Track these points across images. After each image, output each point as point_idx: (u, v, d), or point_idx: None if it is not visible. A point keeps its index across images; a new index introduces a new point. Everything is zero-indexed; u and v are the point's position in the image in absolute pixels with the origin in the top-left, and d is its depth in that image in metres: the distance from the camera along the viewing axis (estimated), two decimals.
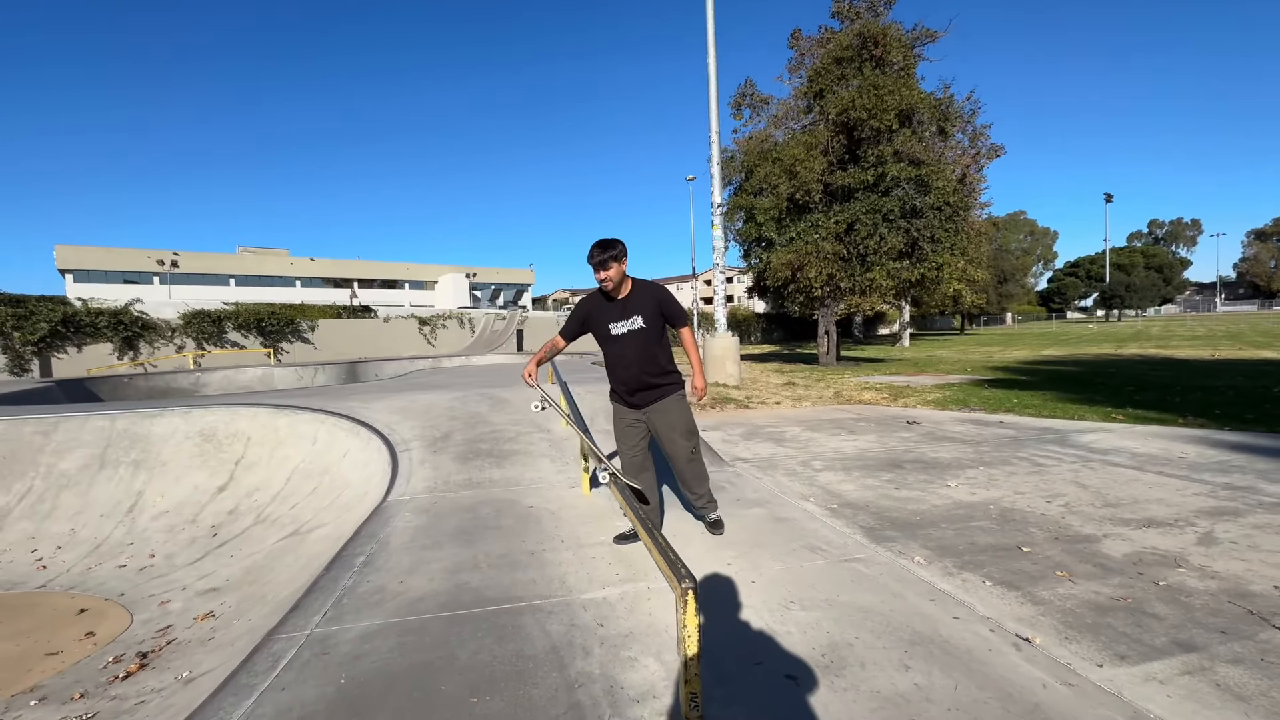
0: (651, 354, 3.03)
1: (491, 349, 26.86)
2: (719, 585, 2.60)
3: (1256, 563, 2.67)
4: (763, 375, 13.24)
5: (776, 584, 2.60)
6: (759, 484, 4.25)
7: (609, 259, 2.91)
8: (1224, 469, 4.31)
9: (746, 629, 2.23)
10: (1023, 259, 60.44)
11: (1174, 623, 2.18)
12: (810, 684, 1.86)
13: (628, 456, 3.18)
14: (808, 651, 2.05)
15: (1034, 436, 5.72)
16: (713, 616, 2.32)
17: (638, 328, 3.00)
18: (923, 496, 3.85)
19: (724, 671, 1.95)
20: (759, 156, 15.41)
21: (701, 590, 2.55)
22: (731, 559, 2.89)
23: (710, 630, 2.21)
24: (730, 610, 2.38)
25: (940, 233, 13.28)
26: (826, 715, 1.70)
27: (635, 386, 3.07)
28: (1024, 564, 2.74)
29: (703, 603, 2.42)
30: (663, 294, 3.08)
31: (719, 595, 2.51)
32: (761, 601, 2.44)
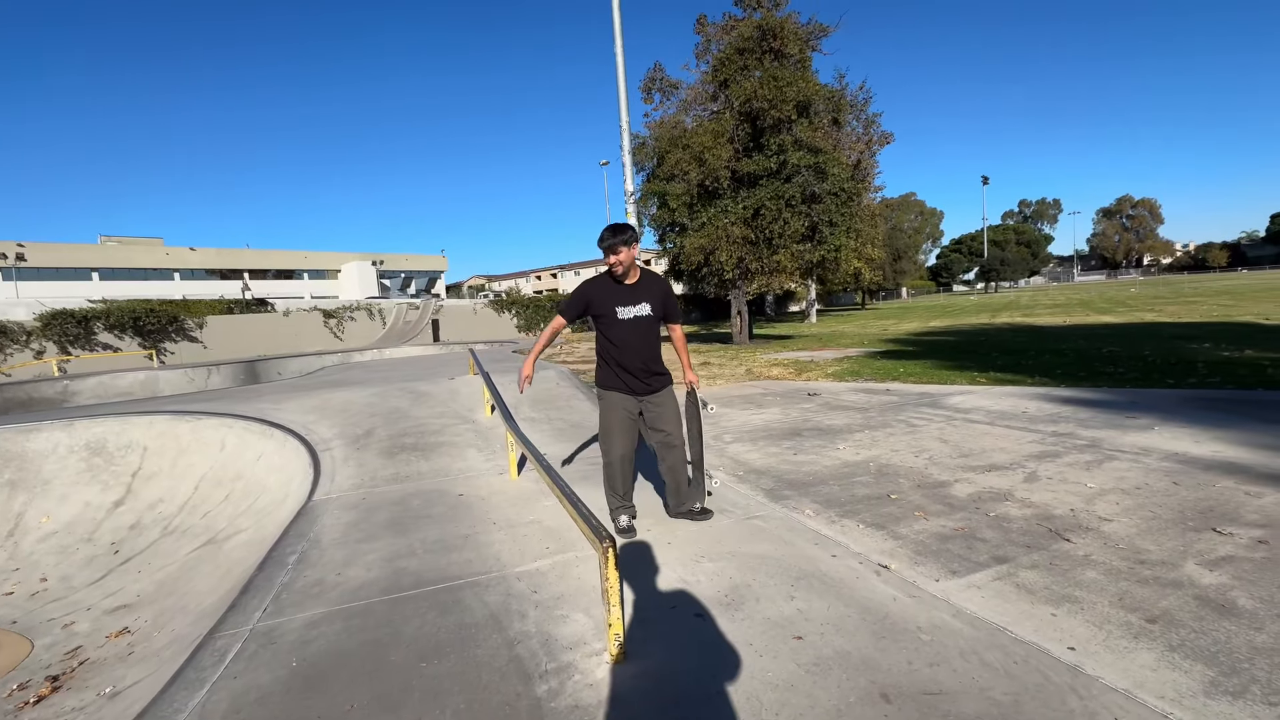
0: (655, 342, 3.08)
1: (405, 341, 25.87)
2: (639, 549, 2.93)
3: (1063, 493, 3.36)
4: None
5: (689, 543, 2.97)
6: None
7: (620, 243, 2.93)
8: (1054, 419, 5.19)
9: (663, 581, 2.57)
10: (914, 237, 65.41)
11: (995, 543, 2.75)
12: (715, 618, 2.23)
13: (620, 450, 3.09)
14: (713, 594, 2.42)
15: (912, 401, 6.52)
16: (634, 575, 2.65)
17: (645, 314, 3.01)
18: (816, 460, 4.38)
19: (644, 617, 2.28)
20: (670, 143, 15.79)
21: (623, 554, 2.88)
22: (650, 526, 3.24)
23: (632, 584, 2.53)
24: (649, 569, 2.71)
25: (837, 216, 14.31)
26: (726, 639, 2.07)
27: (645, 372, 3.05)
28: (891, 509, 3.28)
29: (625, 564, 2.74)
30: (667, 287, 3.14)
31: (639, 557, 2.84)
32: (676, 558, 2.79)
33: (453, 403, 6.57)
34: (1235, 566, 2.38)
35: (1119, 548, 2.62)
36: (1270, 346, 8.97)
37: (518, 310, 35.87)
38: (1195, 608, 2.10)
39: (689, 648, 2.05)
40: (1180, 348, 9.48)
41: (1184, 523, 2.84)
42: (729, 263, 14.56)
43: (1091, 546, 2.65)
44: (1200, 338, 10.89)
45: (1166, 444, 4.19)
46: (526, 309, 36.24)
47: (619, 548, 1.98)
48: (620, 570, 2.50)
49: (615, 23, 10.53)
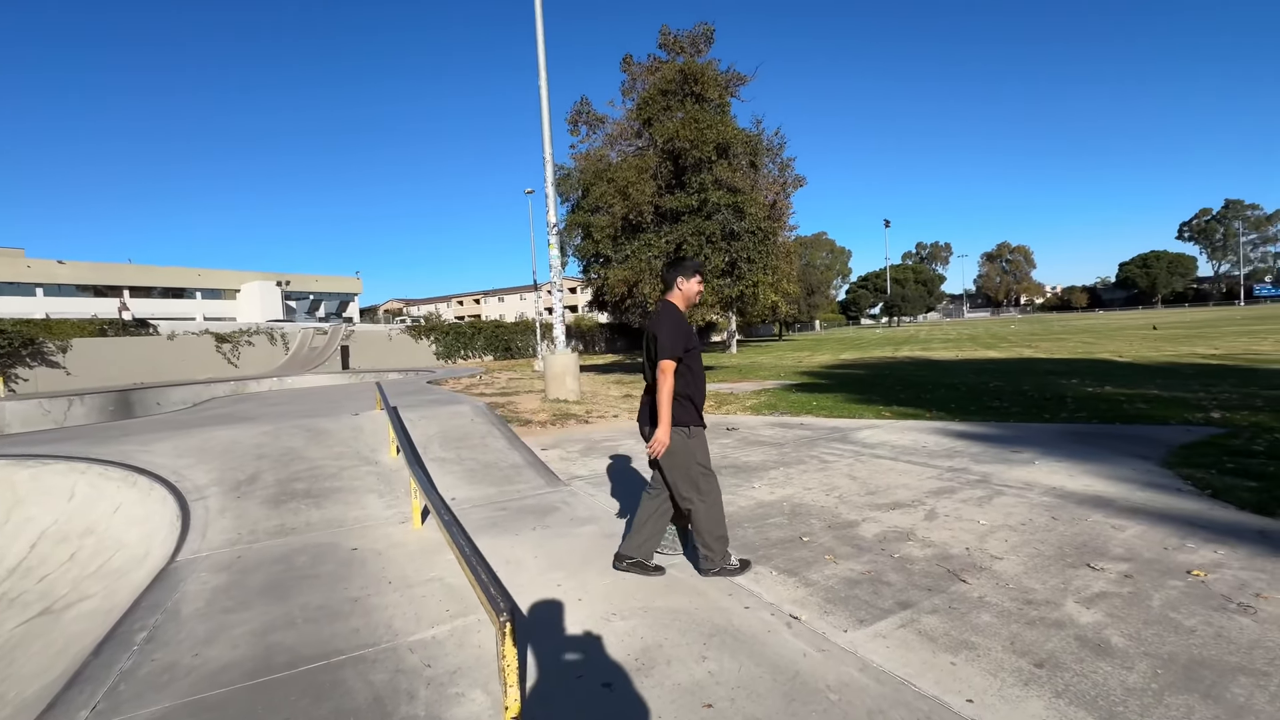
0: None
1: (310, 368, 24.13)
2: (549, 607, 2.76)
3: (959, 530, 3.53)
4: (603, 388, 13.70)
5: (601, 598, 2.83)
6: (591, 501, 4.49)
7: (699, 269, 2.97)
8: (950, 454, 5.53)
9: (571, 645, 2.41)
10: (826, 274, 69.64)
11: (899, 587, 2.82)
12: (624, 687, 2.10)
13: (712, 482, 2.93)
14: (624, 657, 2.29)
15: (824, 436, 6.76)
16: (541, 637, 2.47)
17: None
18: (732, 500, 4.38)
19: (548, 690, 2.12)
20: (595, 176, 15.96)
21: (532, 613, 2.70)
22: (561, 579, 3.07)
23: (538, 650, 2.36)
24: (557, 629, 2.55)
25: (755, 254, 14.92)
26: (635, 714, 1.95)
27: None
28: (804, 552, 3.30)
29: (532, 625, 2.57)
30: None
31: (548, 617, 2.67)
32: (587, 616, 2.65)
33: (355, 441, 6.10)
34: (1108, 603, 2.55)
35: (1009, 587, 2.75)
36: (1124, 382, 10.13)
37: (437, 337, 34.55)
38: (1076, 649, 2.21)
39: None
40: (1053, 383, 10.51)
41: (1063, 559, 3.04)
42: (652, 295, 14.73)
43: (985, 587, 2.76)
44: (1069, 373, 12.14)
45: (1046, 478, 4.54)
46: (446, 335, 34.98)
47: (517, 618, 1.82)
48: (526, 638, 2.33)
49: (540, 60, 10.59)
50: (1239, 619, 2.37)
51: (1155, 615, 2.43)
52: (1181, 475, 4.43)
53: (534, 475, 5.25)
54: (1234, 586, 2.65)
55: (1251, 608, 2.45)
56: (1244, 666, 2.05)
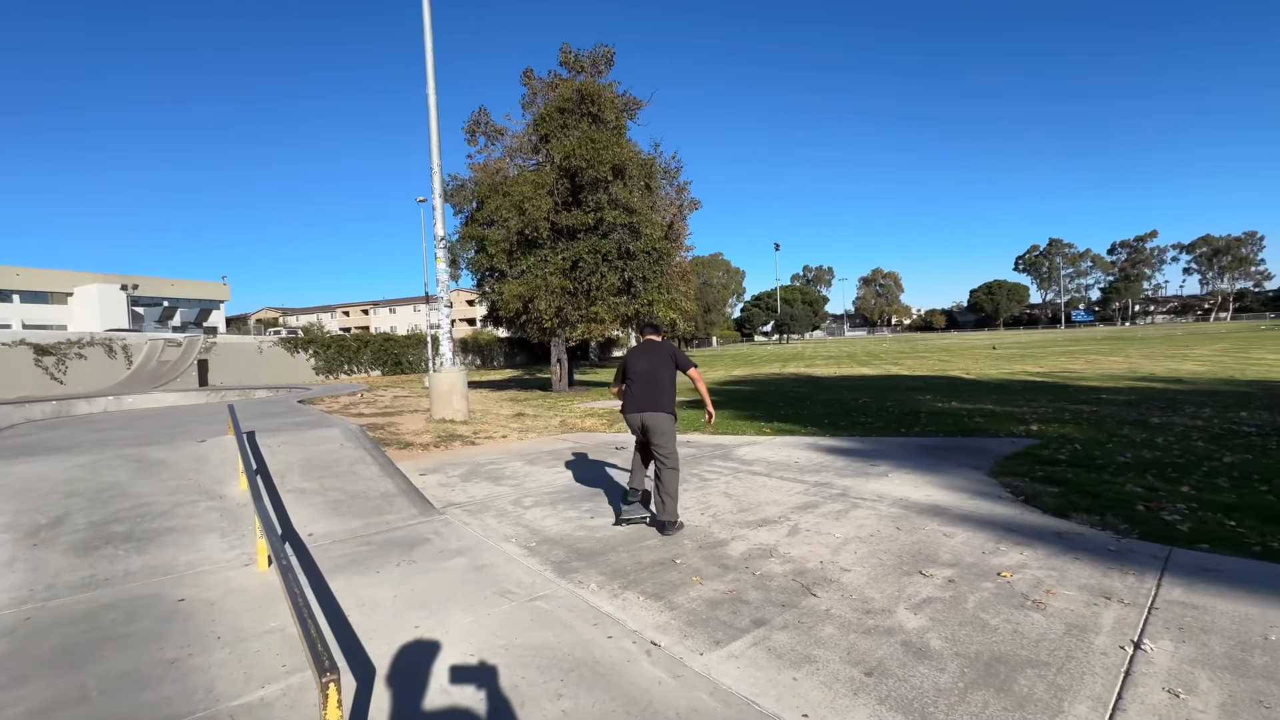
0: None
1: (159, 385, 21.29)
2: (404, 653, 2.59)
3: (816, 544, 3.77)
4: (496, 406, 13.31)
5: (462, 638, 2.70)
6: (465, 531, 4.31)
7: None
8: (817, 469, 5.93)
9: (421, 693, 2.27)
10: (721, 292, 72.83)
11: (757, 604, 2.95)
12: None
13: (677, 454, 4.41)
14: (477, 702, 2.19)
15: (708, 454, 6.99)
16: (398, 684, 2.31)
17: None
18: (610, 523, 4.39)
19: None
20: (490, 189, 15.64)
21: (383, 661, 2.51)
22: (421, 619, 2.90)
23: (393, 696, 2.20)
24: (412, 676, 2.39)
25: (650, 273, 15.28)
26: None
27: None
28: (673, 575, 3.37)
29: (382, 674, 2.39)
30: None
31: (401, 663, 2.50)
32: (444, 658, 2.51)
33: (197, 473, 5.42)
34: (932, 608, 2.83)
35: (852, 598, 2.97)
36: (968, 397, 11.46)
37: (316, 350, 31.83)
38: (901, 655, 2.43)
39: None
40: (912, 399, 11.65)
41: (901, 568, 3.34)
42: (548, 311, 14.62)
43: (832, 599, 2.97)
44: (925, 390, 13.53)
45: (896, 490, 5.00)
46: (327, 349, 32.33)
47: (338, 678, 1.68)
48: (368, 693, 2.16)
49: (428, 63, 10.23)
50: (1032, 615, 2.72)
51: (969, 616, 2.73)
52: (1002, 484, 5.05)
53: (406, 504, 4.95)
54: (1031, 585, 3.04)
55: (1042, 603, 2.83)
56: (1031, 659, 2.35)
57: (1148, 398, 10.53)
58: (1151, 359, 20.79)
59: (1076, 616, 2.69)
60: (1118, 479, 4.96)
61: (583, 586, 3.25)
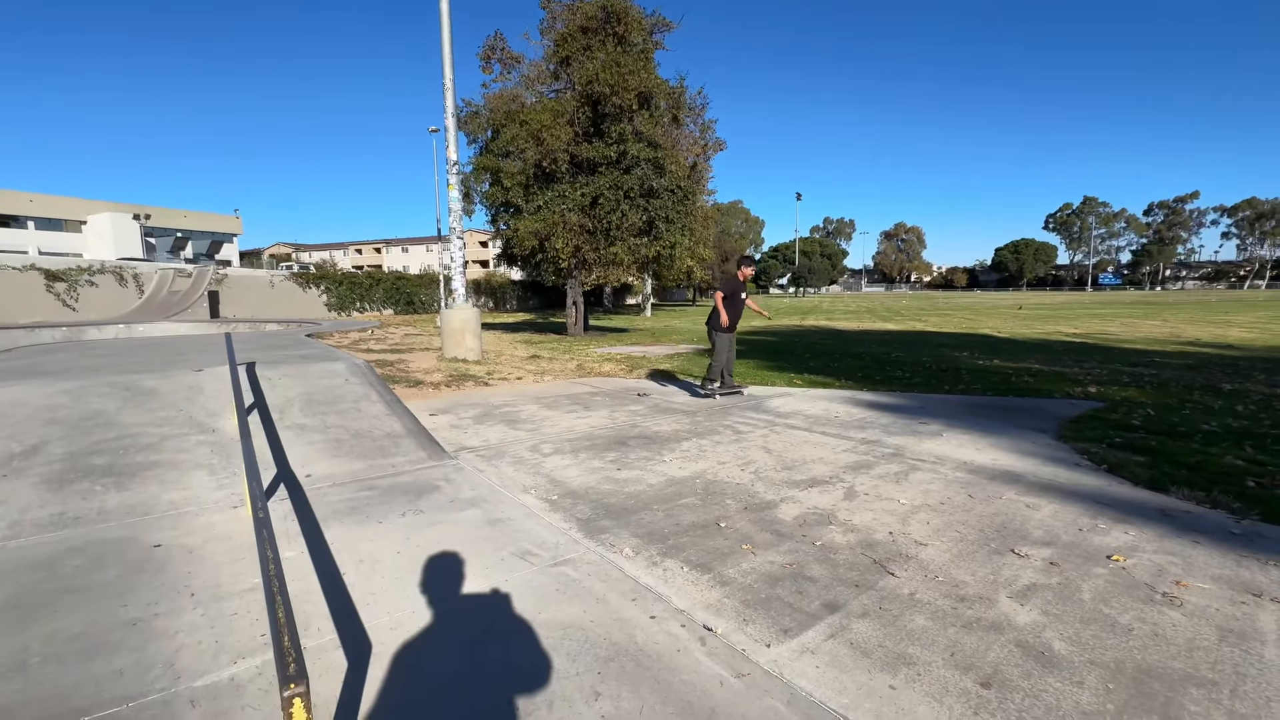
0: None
1: (170, 315, 21.07)
2: (402, 627, 2.16)
3: (880, 511, 3.28)
4: (510, 347, 12.85)
5: (475, 610, 2.27)
6: (479, 479, 3.87)
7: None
8: (862, 425, 5.41)
9: (420, 683, 1.84)
10: (740, 242, 70.81)
11: (825, 583, 2.48)
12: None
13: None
14: (493, 700, 1.76)
15: (737, 404, 6.49)
16: (383, 672, 1.88)
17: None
18: (641, 476, 3.93)
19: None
20: (506, 117, 14.65)
21: (378, 636, 2.08)
22: (428, 581, 2.47)
23: (385, 690, 1.77)
24: (413, 658, 1.96)
25: (674, 213, 14.43)
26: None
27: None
28: (719, 541, 2.91)
29: (374, 654, 1.96)
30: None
31: (399, 641, 2.07)
32: (452, 638, 2.08)
33: (190, 404, 5.01)
34: (1041, 598, 2.34)
35: (939, 580, 2.49)
36: (1009, 356, 10.79)
37: (328, 286, 31.45)
38: (1020, 659, 1.95)
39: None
40: (947, 355, 11.00)
41: (987, 544, 2.85)
42: (565, 250, 13.92)
43: (915, 581, 2.49)
44: (959, 347, 12.84)
45: (955, 452, 4.48)
46: (339, 285, 31.93)
47: (307, 690, 1.22)
48: (359, 683, 1.73)
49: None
50: (1169, 613, 2.23)
51: (1090, 611, 2.24)
52: (1077, 449, 4.51)
53: (414, 446, 4.52)
54: (1153, 573, 2.54)
55: (1176, 599, 2.33)
56: (1190, 675, 1.87)
57: (1205, 363, 9.81)
58: (1193, 324, 19.78)
59: (1226, 618, 2.19)
60: (1210, 449, 4.40)
61: (615, 551, 2.80)
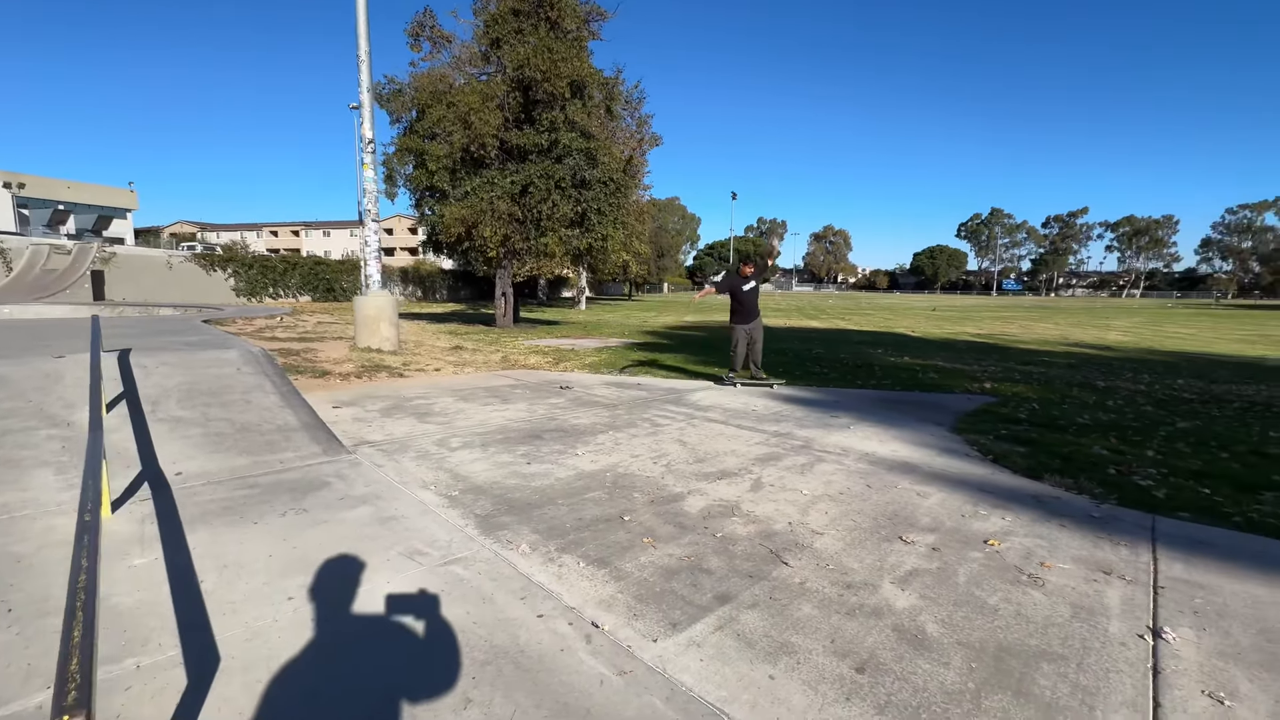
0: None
1: (43, 296, 18.86)
2: (264, 634, 1.96)
3: (782, 502, 3.34)
4: (432, 338, 12.35)
5: (349, 615, 2.10)
6: (376, 475, 3.64)
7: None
8: (777, 418, 5.53)
9: (278, 701, 1.67)
10: (676, 238, 71.68)
11: (721, 574, 2.48)
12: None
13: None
14: (350, 716, 1.62)
15: (660, 397, 6.50)
16: (242, 686, 1.69)
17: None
18: (551, 470, 3.83)
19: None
20: (432, 97, 14.00)
21: (240, 645, 1.89)
22: (297, 590, 2.27)
23: (230, 708, 1.59)
24: (267, 673, 1.78)
25: (606, 206, 14.30)
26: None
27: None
28: (621, 534, 2.86)
29: (229, 668, 1.77)
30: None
31: (261, 650, 1.88)
32: (321, 646, 1.91)
33: (44, 394, 4.44)
34: (920, 582, 2.44)
35: (830, 569, 2.55)
36: (918, 354, 11.44)
37: (237, 269, 29.08)
38: (895, 643, 2.01)
39: None
40: (864, 352, 11.53)
41: (878, 531, 2.95)
42: (493, 239, 13.51)
43: (807, 570, 2.53)
44: (875, 344, 13.50)
45: (860, 444, 4.65)
46: (249, 269, 29.59)
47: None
48: (215, 685, 1.55)
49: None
50: (1032, 593, 2.37)
51: (963, 594, 2.35)
52: (968, 441, 4.80)
53: (308, 440, 4.20)
54: (1022, 555, 2.71)
55: (1039, 579, 2.49)
56: (1044, 650, 1.98)
57: (1085, 362, 10.78)
58: (1079, 327, 21.77)
59: (1080, 596, 2.35)
60: (1082, 440, 4.80)
61: (511, 547, 2.69)
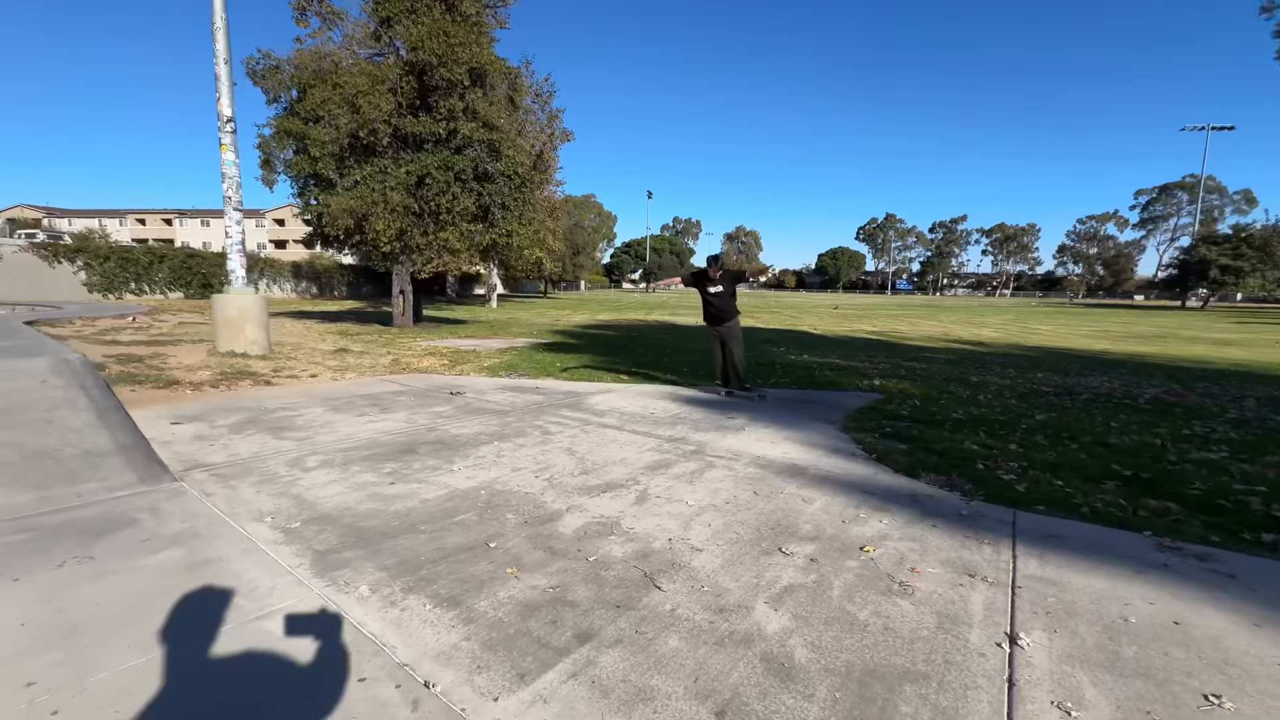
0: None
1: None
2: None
3: (665, 516, 3.18)
4: (318, 339, 11.31)
5: (113, 696, 1.68)
6: (200, 507, 3.11)
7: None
8: (674, 421, 5.43)
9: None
10: (592, 236, 71.21)
11: (586, 606, 2.26)
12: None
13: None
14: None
15: (558, 401, 6.22)
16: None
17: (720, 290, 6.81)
18: (418, 490, 3.46)
19: None
20: (315, 76, 12.84)
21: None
22: (50, 667, 1.80)
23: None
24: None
25: (510, 200, 13.76)
26: None
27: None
28: (483, 565, 2.57)
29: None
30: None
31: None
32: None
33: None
34: (795, 600, 2.35)
35: (704, 590, 2.40)
36: (817, 352, 11.89)
37: (89, 262, 25.43)
38: (762, 676, 1.87)
39: None
40: (767, 351, 11.82)
41: (759, 544, 2.86)
42: (386, 233, 12.59)
43: (681, 594, 2.37)
44: (778, 342, 13.92)
45: (752, 446, 4.62)
46: (105, 261, 25.98)
47: None
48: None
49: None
50: (900, 603, 2.34)
51: (835, 610, 2.28)
52: (855, 440, 4.90)
53: (122, 467, 3.56)
54: (895, 561, 2.70)
55: (909, 586, 2.47)
56: (908, 670, 1.92)
57: (962, 358, 11.65)
58: (959, 325, 23.73)
59: (946, 603, 2.35)
60: (956, 436, 5.04)
61: (349, 590, 2.33)
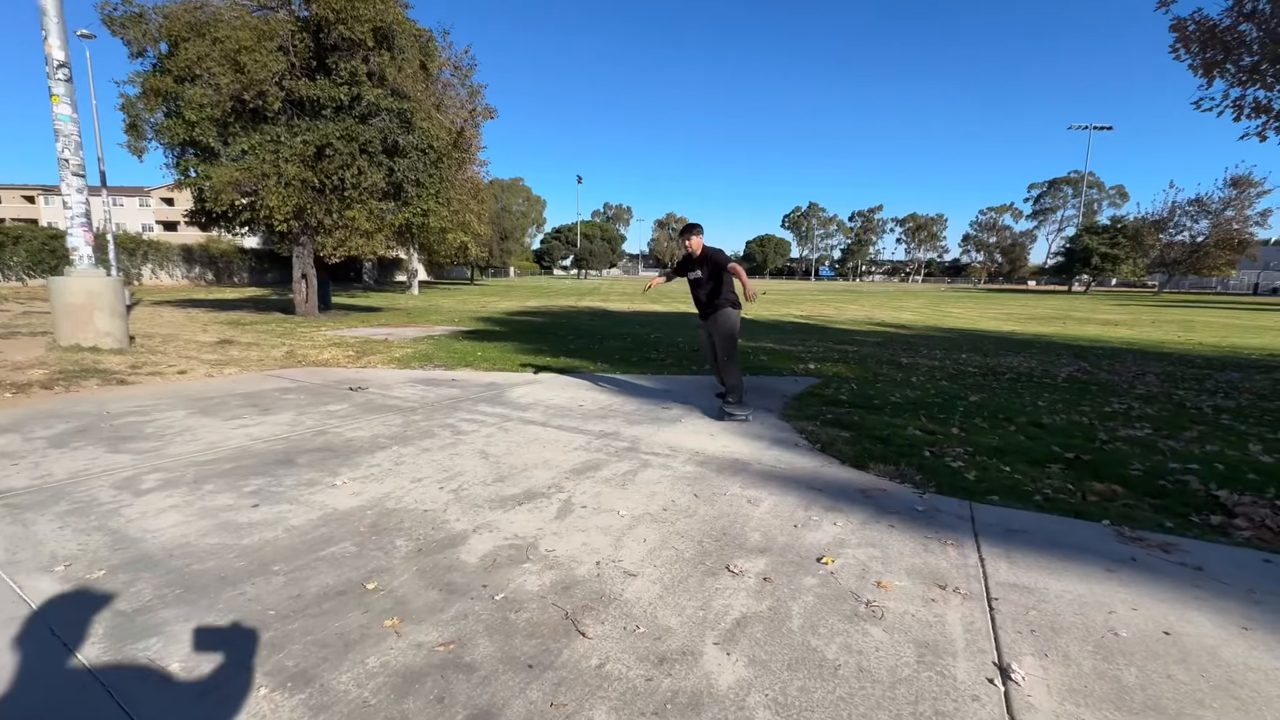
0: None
1: None
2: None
3: (594, 530, 2.69)
4: (197, 330, 9.95)
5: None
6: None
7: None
8: (604, 414, 4.93)
9: None
10: (521, 220, 69.07)
11: (487, 670, 1.74)
12: None
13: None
14: None
15: (475, 395, 5.57)
16: None
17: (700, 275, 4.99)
18: (283, 515, 2.78)
19: None
20: (188, 28, 11.19)
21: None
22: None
23: None
24: None
25: (425, 177, 12.68)
26: None
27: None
28: (353, 617, 1.98)
29: None
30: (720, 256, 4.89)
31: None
32: None
33: None
34: (749, 637, 1.92)
35: (639, 632, 1.93)
36: (750, 336, 11.72)
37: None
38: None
39: None
40: (699, 336, 11.54)
41: (703, 561, 2.43)
42: (281, 210, 11.25)
43: (610, 640, 1.89)
44: None
45: (690, 439, 4.21)
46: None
47: None
48: None
49: None
50: (872, 631, 1.97)
51: (798, 647, 1.87)
52: (797, 429, 4.60)
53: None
54: (858, 575, 2.35)
55: (877, 607, 2.12)
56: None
57: (889, 340, 11.85)
58: (880, 309, 24.60)
59: (922, 626, 2.00)
60: (897, 421, 4.85)
61: (149, 669, 1.68)
